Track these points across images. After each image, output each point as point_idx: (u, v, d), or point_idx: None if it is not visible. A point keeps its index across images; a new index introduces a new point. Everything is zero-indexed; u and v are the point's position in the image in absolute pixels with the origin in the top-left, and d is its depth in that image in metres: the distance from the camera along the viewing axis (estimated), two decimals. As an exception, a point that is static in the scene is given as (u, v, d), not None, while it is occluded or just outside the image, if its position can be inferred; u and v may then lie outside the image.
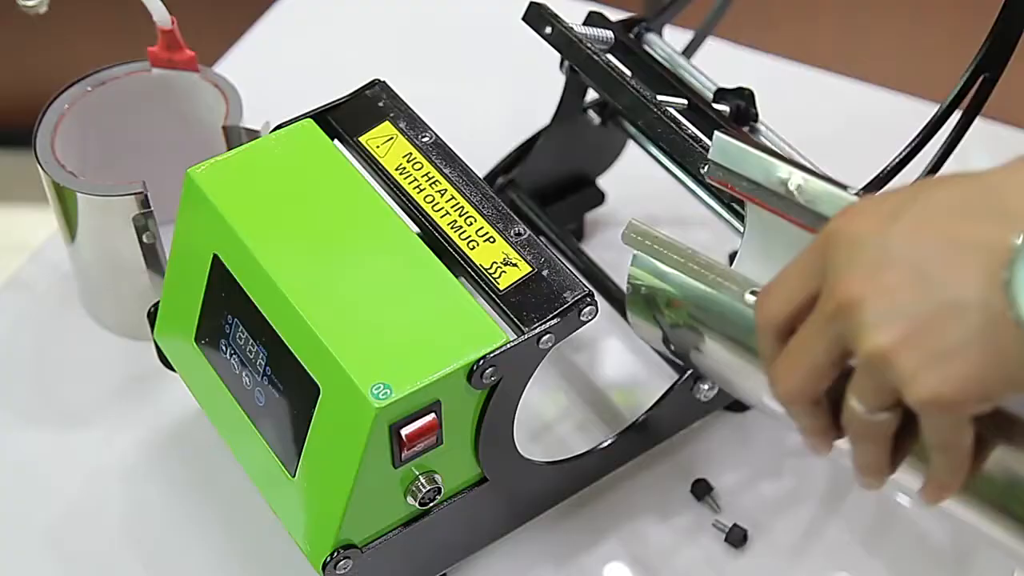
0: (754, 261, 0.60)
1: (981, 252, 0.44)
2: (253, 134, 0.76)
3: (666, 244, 0.60)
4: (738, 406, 0.76)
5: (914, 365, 0.45)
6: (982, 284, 0.44)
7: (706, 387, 0.70)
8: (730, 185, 0.61)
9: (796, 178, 0.57)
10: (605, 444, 0.70)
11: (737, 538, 0.71)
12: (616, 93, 0.70)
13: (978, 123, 0.70)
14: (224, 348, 0.65)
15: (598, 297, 0.62)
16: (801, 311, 0.50)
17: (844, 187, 0.56)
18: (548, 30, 0.71)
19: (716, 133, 0.61)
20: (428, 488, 0.61)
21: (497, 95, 0.94)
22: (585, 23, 0.75)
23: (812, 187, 0.57)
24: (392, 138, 0.68)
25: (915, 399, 0.46)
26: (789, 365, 0.50)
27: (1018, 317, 0.43)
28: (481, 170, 0.71)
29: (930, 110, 0.70)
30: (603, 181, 0.85)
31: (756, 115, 0.72)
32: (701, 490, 0.73)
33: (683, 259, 0.60)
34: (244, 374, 0.64)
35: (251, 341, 0.63)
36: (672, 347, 0.63)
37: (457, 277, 0.62)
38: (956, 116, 0.69)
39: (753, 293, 0.57)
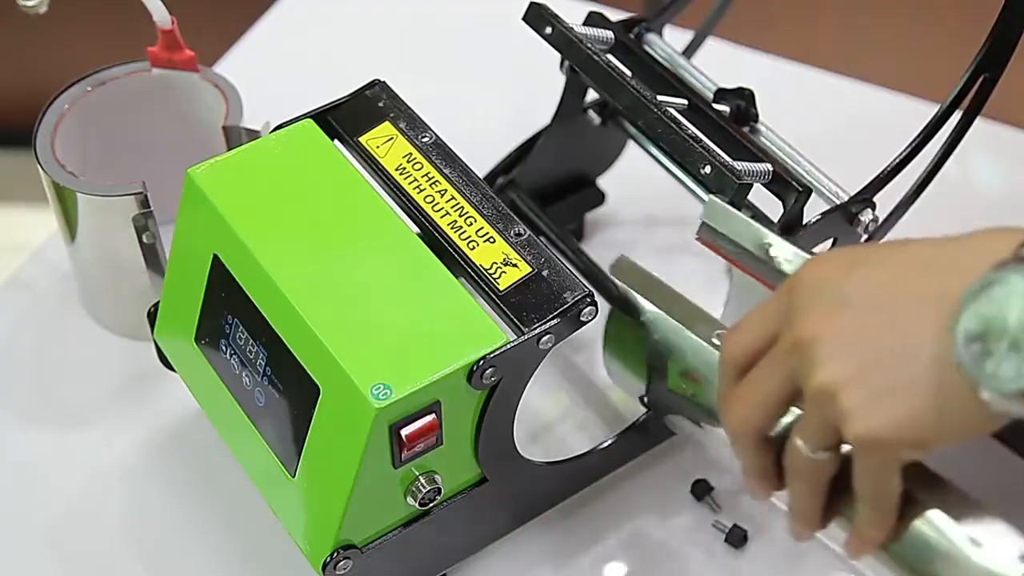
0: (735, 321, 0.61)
1: (932, 302, 0.46)
2: (253, 134, 0.76)
3: (649, 279, 0.66)
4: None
5: (857, 402, 0.47)
6: (931, 332, 0.46)
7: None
8: (717, 247, 0.63)
9: (775, 244, 0.60)
10: (605, 444, 0.70)
11: (737, 538, 0.71)
12: (616, 93, 0.70)
13: (978, 123, 0.70)
14: (224, 348, 0.65)
15: (598, 297, 0.62)
16: (761, 351, 0.51)
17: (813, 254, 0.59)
18: (548, 30, 0.71)
19: (710, 196, 0.64)
20: (428, 488, 0.61)
21: (497, 95, 0.94)
22: (585, 23, 0.75)
23: (784, 252, 0.60)
24: (392, 138, 0.68)
25: (853, 435, 0.47)
26: (742, 397, 0.52)
27: (960, 363, 0.44)
28: (481, 170, 0.71)
29: (930, 110, 0.70)
30: (603, 181, 0.85)
31: (756, 115, 0.72)
32: (701, 490, 0.73)
33: (663, 297, 0.65)
34: (244, 374, 0.64)
35: (251, 341, 0.63)
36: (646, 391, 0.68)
37: (457, 277, 0.62)
38: (956, 116, 0.69)
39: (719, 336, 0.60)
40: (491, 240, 0.63)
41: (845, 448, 0.50)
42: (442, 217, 0.64)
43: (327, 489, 0.60)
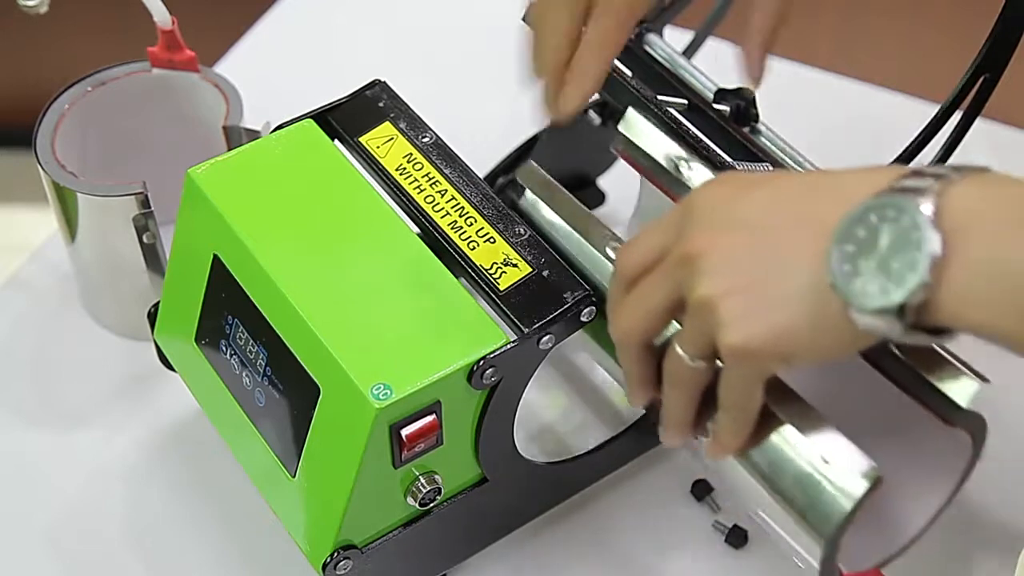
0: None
1: (813, 225, 0.49)
2: (253, 134, 0.76)
3: (553, 189, 0.67)
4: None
5: (734, 314, 0.50)
6: (810, 252, 0.48)
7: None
8: (631, 158, 0.65)
9: (686, 161, 0.64)
10: (605, 444, 0.70)
11: (737, 539, 0.71)
12: (616, 93, 0.70)
13: (978, 123, 0.70)
14: (224, 348, 0.65)
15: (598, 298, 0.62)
16: (652, 265, 0.54)
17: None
18: None
19: (630, 107, 0.65)
20: (428, 488, 0.61)
21: (497, 95, 0.94)
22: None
23: (693, 170, 0.63)
24: (392, 138, 0.68)
25: (726, 344, 0.50)
26: (630, 306, 0.55)
27: (833, 282, 0.47)
28: (481, 170, 0.71)
29: (930, 110, 0.70)
30: (603, 181, 0.85)
31: (757, 115, 0.72)
32: (701, 491, 0.73)
33: (563, 205, 0.66)
34: (244, 374, 0.64)
35: (251, 341, 0.63)
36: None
37: (457, 277, 0.62)
38: (956, 116, 0.69)
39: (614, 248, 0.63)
40: (491, 240, 0.63)
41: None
42: (442, 217, 0.64)
43: (327, 489, 0.60)
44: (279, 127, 0.68)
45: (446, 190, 0.65)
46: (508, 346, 0.59)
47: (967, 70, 0.67)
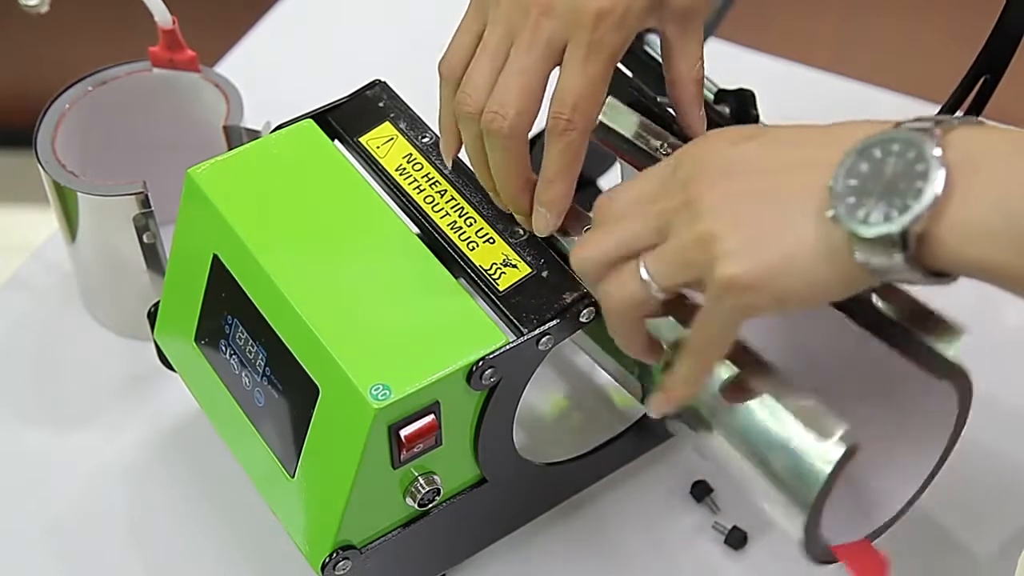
0: None
1: (812, 168, 0.49)
2: (254, 134, 0.76)
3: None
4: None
5: (732, 247, 0.49)
6: (810, 191, 0.49)
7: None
8: (610, 144, 0.65)
9: (665, 142, 0.64)
10: (605, 445, 0.70)
11: (737, 540, 0.71)
12: (616, 93, 0.70)
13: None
14: (224, 348, 0.65)
15: (598, 298, 0.62)
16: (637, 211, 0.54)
17: None
18: None
19: (609, 97, 0.65)
20: (427, 489, 0.61)
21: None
22: None
23: (673, 149, 0.63)
24: (392, 139, 0.68)
25: (721, 275, 0.49)
26: (602, 234, 0.54)
27: (836, 215, 0.47)
28: (481, 171, 0.71)
29: (930, 110, 0.70)
30: (603, 181, 0.85)
31: (757, 116, 0.72)
32: (701, 491, 0.73)
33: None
34: (244, 374, 0.64)
35: (251, 341, 0.63)
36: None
37: (457, 278, 0.62)
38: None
39: None
40: (491, 241, 0.63)
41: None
42: (442, 218, 0.64)
43: (326, 489, 0.60)
44: (279, 127, 0.68)
45: (446, 190, 0.65)
46: (507, 347, 0.59)
47: (967, 72, 0.67)
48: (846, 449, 0.53)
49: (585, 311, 0.61)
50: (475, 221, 0.64)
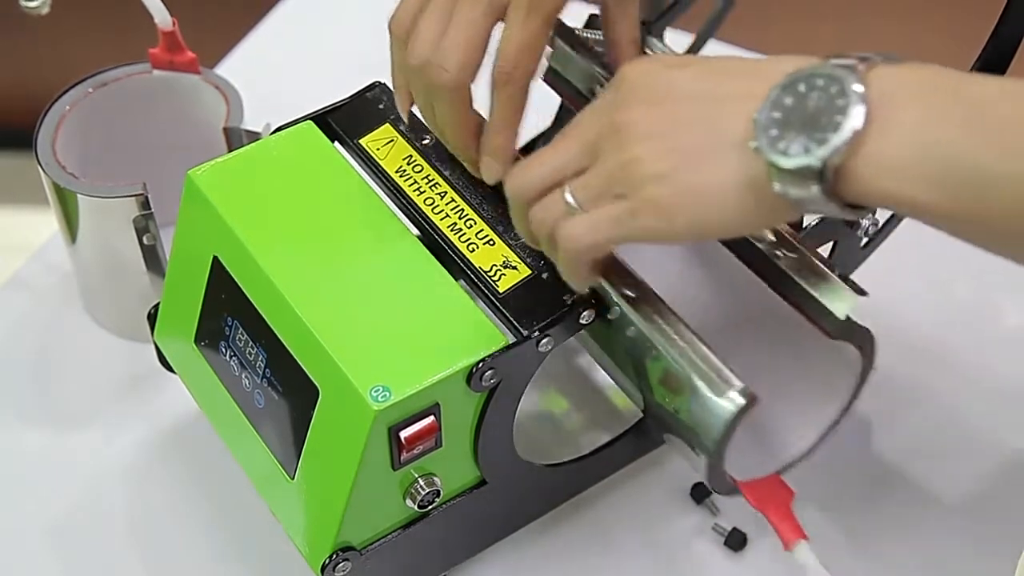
0: None
1: (740, 99, 0.50)
2: (254, 136, 0.76)
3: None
4: (738, 409, 0.76)
5: (660, 170, 0.51)
6: (737, 121, 0.50)
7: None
8: (560, 88, 0.68)
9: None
10: (605, 446, 0.70)
11: (736, 541, 0.71)
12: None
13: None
14: (224, 350, 0.65)
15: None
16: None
17: None
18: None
19: (558, 40, 0.67)
20: (427, 490, 0.61)
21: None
22: (586, 26, 0.75)
23: None
24: (392, 140, 0.68)
25: (642, 196, 0.52)
26: (539, 159, 0.56)
27: (758, 147, 0.49)
28: (481, 172, 0.71)
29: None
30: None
31: None
32: (701, 493, 0.73)
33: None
34: (244, 376, 0.64)
35: (251, 343, 0.63)
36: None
37: (456, 279, 0.62)
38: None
39: None
40: (491, 242, 0.63)
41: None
42: (442, 219, 0.64)
43: (326, 491, 0.60)
44: (279, 129, 0.68)
45: (445, 192, 0.65)
46: (507, 348, 0.59)
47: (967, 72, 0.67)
48: (744, 402, 0.56)
49: (585, 313, 0.61)
50: (475, 223, 0.64)
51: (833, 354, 0.60)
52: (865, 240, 0.69)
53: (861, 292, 0.59)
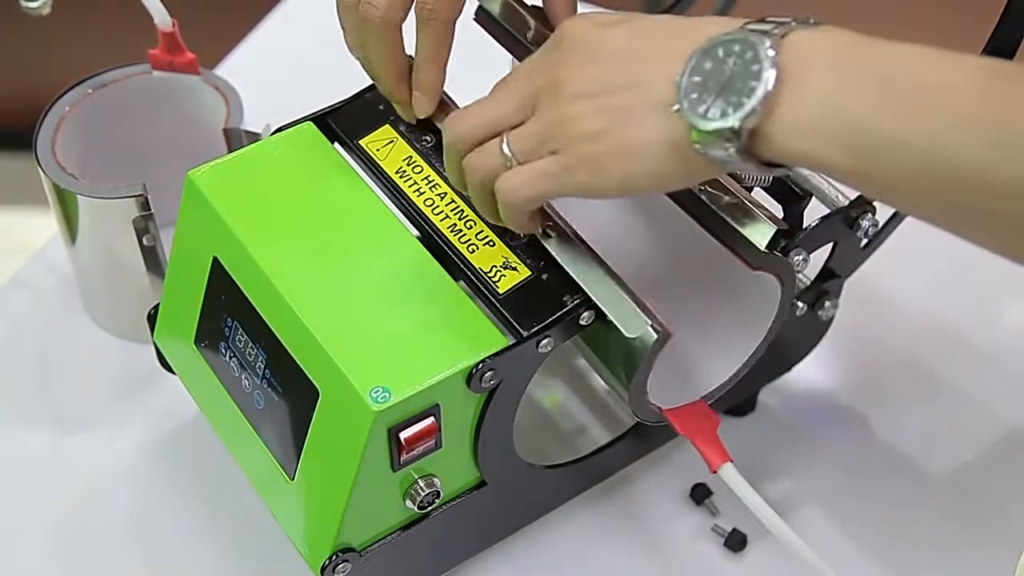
0: None
1: (672, 58, 0.53)
2: (254, 136, 0.76)
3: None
4: (736, 410, 0.76)
5: (594, 128, 0.54)
6: (662, 82, 0.53)
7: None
8: (493, 31, 0.70)
9: (538, 31, 0.67)
10: (604, 447, 0.70)
11: (736, 542, 0.71)
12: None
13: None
14: (223, 351, 0.65)
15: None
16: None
17: None
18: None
19: None
20: (427, 491, 0.61)
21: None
22: None
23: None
24: (392, 141, 0.68)
25: (575, 152, 0.54)
26: (476, 111, 0.59)
27: (680, 109, 0.51)
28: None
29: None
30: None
31: None
32: (700, 494, 0.73)
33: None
34: (243, 377, 0.64)
35: (250, 344, 0.63)
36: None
37: (456, 280, 0.62)
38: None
39: None
40: (491, 243, 0.63)
41: None
42: (442, 220, 0.64)
43: (326, 492, 0.60)
44: (279, 130, 0.68)
45: (445, 193, 0.65)
46: (507, 349, 0.59)
47: None
48: (657, 338, 0.59)
49: (585, 314, 0.61)
50: (475, 224, 0.64)
51: (755, 286, 0.63)
52: (865, 241, 0.69)
53: (779, 224, 0.62)
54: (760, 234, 0.61)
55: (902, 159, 0.48)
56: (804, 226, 0.66)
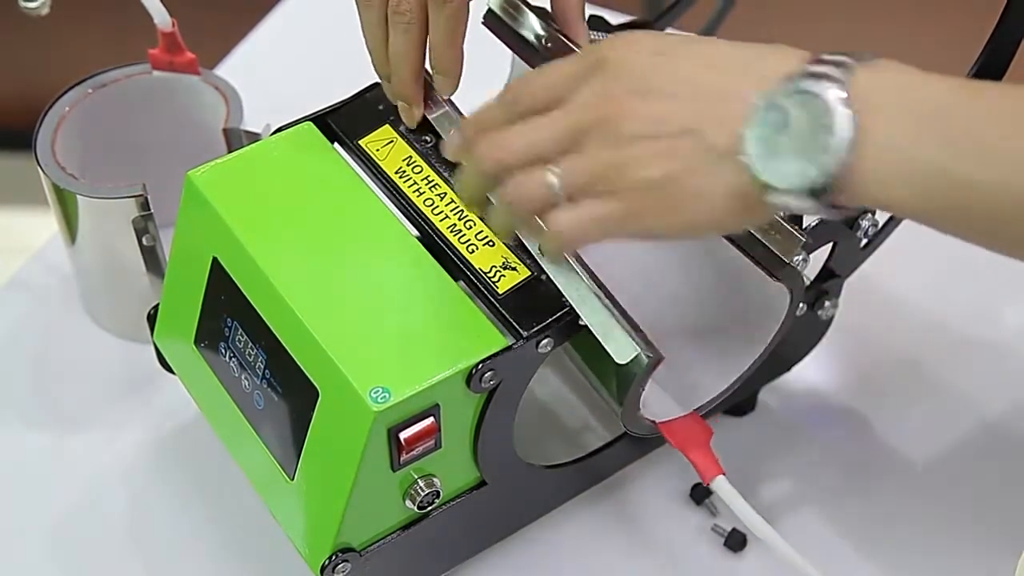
0: None
1: (733, 101, 0.51)
2: (253, 136, 0.76)
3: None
4: (736, 410, 0.76)
5: (649, 176, 0.52)
6: (729, 129, 0.51)
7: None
8: (502, 34, 0.68)
9: (553, 39, 0.65)
10: (604, 447, 0.70)
11: (736, 542, 0.71)
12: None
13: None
14: (223, 351, 0.65)
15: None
16: (550, 104, 0.55)
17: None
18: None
19: None
20: (426, 492, 0.61)
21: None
22: None
23: (561, 46, 0.65)
24: (392, 141, 0.68)
25: (636, 203, 0.53)
26: (516, 133, 0.56)
27: (749, 165, 0.50)
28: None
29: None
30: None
31: None
32: (700, 494, 0.73)
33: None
34: (243, 377, 0.64)
35: (250, 344, 0.63)
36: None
37: (456, 281, 0.62)
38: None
39: None
40: (490, 243, 0.63)
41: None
42: (441, 220, 0.64)
43: (325, 492, 0.60)
44: (279, 130, 0.68)
45: (445, 193, 0.65)
46: (507, 349, 0.59)
47: (967, 74, 0.67)
48: (647, 363, 0.59)
49: (584, 314, 0.61)
50: (474, 224, 0.64)
51: (762, 296, 0.63)
52: (865, 241, 0.69)
53: (804, 236, 0.60)
54: (784, 246, 0.60)
55: (976, 200, 0.49)
56: (804, 226, 0.66)
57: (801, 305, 0.70)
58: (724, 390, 0.66)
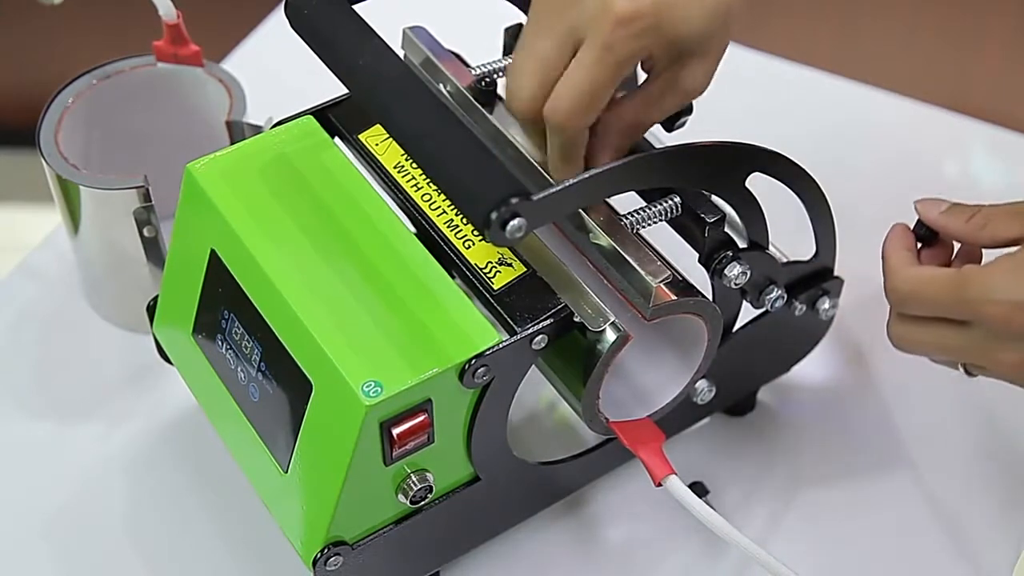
0: None
1: None
2: (256, 129, 0.76)
3: None
4: (736, 410, 0.76)
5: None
6: None
7: (703, 390, 0.70)
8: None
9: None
10: (599, 445, 0.70)
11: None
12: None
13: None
14: (220, 343, 0.65)
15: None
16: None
17: None
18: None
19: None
20: (419, 486, 0.61)
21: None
22: None
23: None
24: (390, 137, 0.68)
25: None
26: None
27: None
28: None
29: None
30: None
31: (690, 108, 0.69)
32: (697, 492, 0.73)
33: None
34: (239, 369, 0.64)
35: (246, 336, 0.63)
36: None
37: (452, 276, 0.62)
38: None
39: None
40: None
41: None
42: (439, 215, 0.64)
43: (318, 485, 0.60)
44: (279, 123, 0.69)
45: (443, 189, 0.65)
46: (500, 345, 0.59)
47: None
48: (616, 338, 0.60)
49: (578, 311, 0.61)
50: (471, 220, 0.64)
51: (689, 327, 0.65)
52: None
53: (665, 274, 0.61)
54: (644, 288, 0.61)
55: None
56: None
57: (801, 305, 0.70)
58: (670, 400, 0.67)
